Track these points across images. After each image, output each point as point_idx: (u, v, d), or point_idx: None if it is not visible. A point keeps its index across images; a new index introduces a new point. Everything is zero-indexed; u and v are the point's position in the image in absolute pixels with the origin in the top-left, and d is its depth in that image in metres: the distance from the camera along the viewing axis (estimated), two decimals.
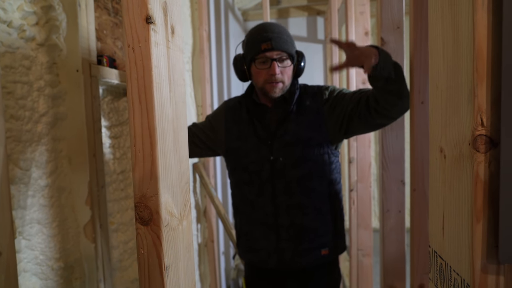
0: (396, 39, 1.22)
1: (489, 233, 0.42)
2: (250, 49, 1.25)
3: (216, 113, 1.42)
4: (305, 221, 1.27)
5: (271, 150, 1.26)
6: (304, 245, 1.28)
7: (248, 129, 1.31)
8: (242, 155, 1.31)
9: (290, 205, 1.26)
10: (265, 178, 1.27)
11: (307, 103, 1.30)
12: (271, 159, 1.26)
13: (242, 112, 1.35)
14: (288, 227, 1.27)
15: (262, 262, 1.32)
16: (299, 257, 1.28)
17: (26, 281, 0.96)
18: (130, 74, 0.48)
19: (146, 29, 0.47)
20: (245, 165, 1.30)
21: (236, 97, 1.43)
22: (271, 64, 1.21)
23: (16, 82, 0.93)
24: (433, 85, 0.53)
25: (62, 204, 1.07)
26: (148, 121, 0.48)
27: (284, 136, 1.26)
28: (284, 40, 1.22)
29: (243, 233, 1.37)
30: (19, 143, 0.93)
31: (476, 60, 0.40)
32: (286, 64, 1.24)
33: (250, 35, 1.27)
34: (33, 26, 0.97)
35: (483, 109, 0.41)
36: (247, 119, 1.32)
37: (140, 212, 0.48)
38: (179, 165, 0.55)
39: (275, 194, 1.26)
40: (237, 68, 1.32)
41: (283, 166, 1.25)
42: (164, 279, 0.49)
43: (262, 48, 1.20)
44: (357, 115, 1.19)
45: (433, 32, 0.53)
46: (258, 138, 1.29)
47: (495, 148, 0.41)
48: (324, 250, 1.30)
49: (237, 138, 1.32)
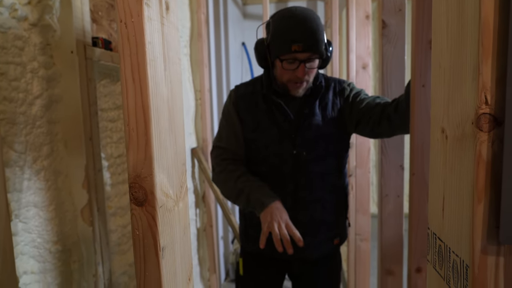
0: (398, 22, 1.19)
1: (490, 213, 0.41)
2: (278, 45, 1.15)
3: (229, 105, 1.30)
4: (323, 215, 1.26)
5: (294, 144, 1.21)
6: (320, 238, 1.27)
7: (267, 120, 1.23)
8: (260, 146, 1.24)
9: (310, 200, 1.24)
10: (287, 172, 1.22)
11: (329, 97, 1.26)
12: (293, 153, 1.21)
13: (257, 100, 1.25)
14: (306, 221, 1.24)
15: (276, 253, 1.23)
16: (313, 249, 1.27)
17: (23, 263, 0.96)
18: (123, 50, 0.46)
19: (139, 3, 0.45)
20: (264, 158, 1.24)
21: (246, 83, 1.33)
22: (299, 65, 1.14)
23: (9, 63, 0.91)
24: (436, 64, 0.51)
25: (58, 188, 1.06)
26: (142, 100, 0.46)
27: (308, 130, 1.22)
28: (317, 40, 1.12)
29: (254, 224, 1.28)
30: (13, 125, 0.92)
31: (482, 34, 0.39)
32: (314, 64, 1.17)
33: (279, 25, 1.15)
34: (25, 5, 0.94)
35: (487, 86, 0.40)
36: (264, 109, 1.24)
37: (135, 192, 0.47)
38: (175, 146, 0.54)
39: (296, 189, 1.22)
40: (260, 55, 1.23)
41: (306, 161, 1.22)
42: (159, 260, 0.48)
43: (292, 49, 1.11)
44: (367, 118, 1.19)
45: (437, 9, 0.51)
46: (279, 130, 1.22)
47: (499, 127, 0.40)
48: (336, 240, 1.31)
49: (253, 129, 1.24)
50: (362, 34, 1.95)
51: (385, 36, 1.18)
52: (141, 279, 0.49)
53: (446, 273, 0.49)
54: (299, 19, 1.12)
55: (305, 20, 1.12)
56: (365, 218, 2.02)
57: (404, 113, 1.07)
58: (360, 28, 1.96)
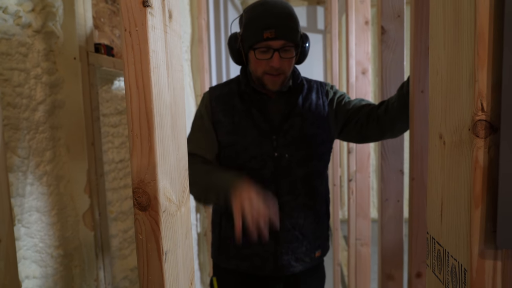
0: (397, 28, 1.21)
1: (487, 218, 0.42)
2: (250, 34, 1.08)
3: (201, 108, 1.21)
4: (306, 223, 1.18)
5: (276, 146, 1.13)
6: (302, 249, 1.18)
7: (246, 121, 1.14)
8: (239, 150, 1.14)
9: (294, 206, 1.15)
10: (268, 176, 1.13)
11: (313, 98, 1.20)
12: (275, 156, 1.13)
13: (234, 101, 1.17)
14: (289, 230, 1.15)
15: (255, 268, 1.17)
16: (296, 261, 1.18)
17: (26, 268, 0.96)
18: (127, 58, 0.47)
19: (143, 13, 0.46)
20: (243, 162, 1.14)
21: (222, 84, 1.25)
22: (273, 54, 1.06)
23: (13, 69, 0.92)
24: (434, 71, 0.52)
25: (61, 192, 1.07)
26: (146, 106, 0.47)
27: (290, 131, 1.14)
28: (290, 27, 1.07)
29: (229, 237, 1.18)
30: (16, 131, 0.93)
31: (478, 43, 0.40)
32: (290, 54, 1.10)
33: (250, 14, 1.09)
34: (29, 12, 0.96)
35: (483, 94, 0.41)
36: (242, 109, 1.15)
37: (138, 197, 0.48)
38: (177, 151, 0.55)
39: (278, 194, 1.13)
40: (233, 50, 1.16)
41: (288, 164, 1.14)
42: (162, 264, 0.49)
43: (264, 37, 1.04)
44: (354, 121, 1.15)
45: (434, 16, 0.52)
46: (259, 132, 1.14)
47: (495, 134, 0.41)
48: (317, 252, 1.23)
49: (231, 132, 1.15)
50: (361, 40, 1.96)
51: (384, 42, 1.19)
52: (144, 282, 0.50)
53: (445, 277, 0.49)
54: (270, 6, 1.07)
55: (277, 6, 1.07)
56: (365, 222, 2.03)
57: (395, 114, 1.04)
58: (359, 33, 1.97)
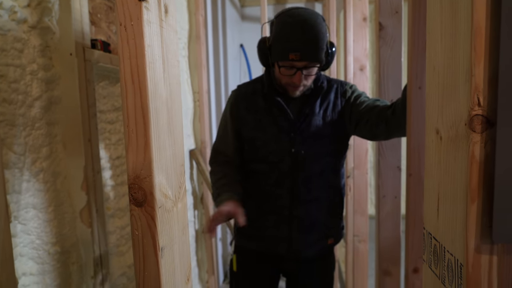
0: (395, 24, 1.20)
1: (484, 213, 0.42)
2: (277, 51, 1.17)
3: (227, 106, 1.34)
4: (319, 214, 1.28)
5: (293, 142, 1.24)
6: (314, 236, 1.29)
7: (267, 119, 1.26)
8: (260, 145, 1.26)
9: (307, 198, 1.26)
10: (285, 170, 1.25)
11: (331, 98, 1.28)
12: (292, 152, 1.24)
13: (257, 99, 1.28)
14: (302, 219, 1.26)
15: (270, 249, 1.30)
16: (308, 247, 1.29)
17: (22, 265, 0.96)
18: (122, 53, 0.47)
19: (138, 7, 0.46)
20: (263, 156, 1.27)
21: (247, 83, 1.36)
22: (295, 72, 1.16)
23: (8, 65, 0.91)
24: (430, 66, 0.52)
25: (57, 189, 1.07)
26: (141, 101, 0.47)
27: (307, 129, 1.24)
28: (315, 49, 1.14)
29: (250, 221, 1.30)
30: (12, 127, 0.92)
31: (475, 38, 0.40)
32: (312, 71, 1.19)
33: (279, 30, 1.16)
34: (24, 8, 0.95)
35: (480, 88, 0.40)
36: (264, 108, 1.26)
37: (134, 193, 0.48)
38: (174, 147, 0.55)
39: (294, 186, 1.25)
40: (261, 54, 1.26)
41: (304, 160, 1.24)
42: (158, 260, 0.49)
43: (289, 58, 1.13)
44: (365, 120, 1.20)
45: (431, 11, 0.52)
46: (278, 129, 1.25)
47: (491, 128, 0.41)
48: (330, 240, 1.33)
49: (253, 128, 1.27)
50: (359, 36, 1.96)
51: (382, 38, 1.19)
52: (140, 278, 0.50)
53: (441, 272, 0.50)
54: (299, 26, 1.12)
55: (305, 27, 1.12)
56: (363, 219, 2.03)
57: (400, 116, 1.08)
58: (357, 30, 1.97)
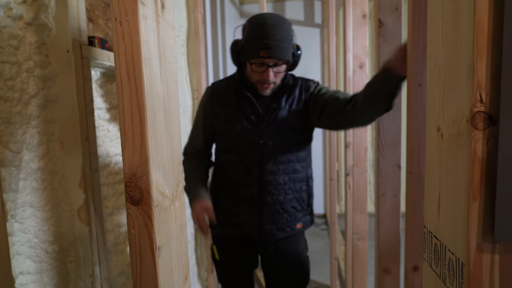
0: (394, 21, 1.20)
1: (485, 211, 0.41)
2: (248, 49, 1.28)
3: (202, 101, 1.47)
4: (287, 200, 1.40)
5: (261, 134, 1.35)
6: (283, 221, 1.42)
7: (237, 113, 1.37)
8: (231, 137, 1.37)
9: (275, 185, 1.37)
10: (254, 159, 1.36)
11: (296, 93, 1.40)
12: (260, 143, 1.35)
13: (229, 95, 1.39)
14: (271, 205, 1.38)
15: (243, 235, 1.42)
16: (277, 231, 1.42)
17: (20, 264, 0.95)
18: (117, 49, 0.46)
19: (134, 2, 0.45)
20: (233, 147, 1.38)
21: (221, 80, 1.47)
22: (266, 69, 1.27)
23: (4, 62, 0.90)
24: (431, 63, 0.51)
25: (55, 187, 1.06)
26: (138, 98, 0.46)
27: (274, 122, 1.36)
28: (284, 48, 1.26)
29: (223, 209, 1.44)
30: (9, 125, 0.92)
31: (477, 33, 0.39)
32: (281, 69, 1.31)
33: (251, 30, 1.28)
34: (20, 4, 0.94)
35: (482, 85, 0.40)
36: (235, 103, 1.38)
37: (131, 191, 0.47)
38: (171, 145, 0.54)
39: (262, 174, 1.36)
40: (233, 55, 1.36)
41: (271, 150, 1.35)
42: (155, 259, 0.48)
43: (260, 55, 1.24)
44: (327, 112, 1.32)
45: (432, 8, 0.51)
46: (248, 122, 1.36)
47: (494, 125, 0.40)
48: (298, 225, 1.46)
49: (224, 121, 1.38)
50: (359, 33, 1.94)
51: (382, 35, 1.18)
52: (137, 278, 0.49)
53: (442, 271, 0.49)
54: (270, 28, 1.24)
55: (275, 28, 1.25)
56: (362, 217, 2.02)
57: (360, 109, 1.20)
58: (357, 27, 1.96)
